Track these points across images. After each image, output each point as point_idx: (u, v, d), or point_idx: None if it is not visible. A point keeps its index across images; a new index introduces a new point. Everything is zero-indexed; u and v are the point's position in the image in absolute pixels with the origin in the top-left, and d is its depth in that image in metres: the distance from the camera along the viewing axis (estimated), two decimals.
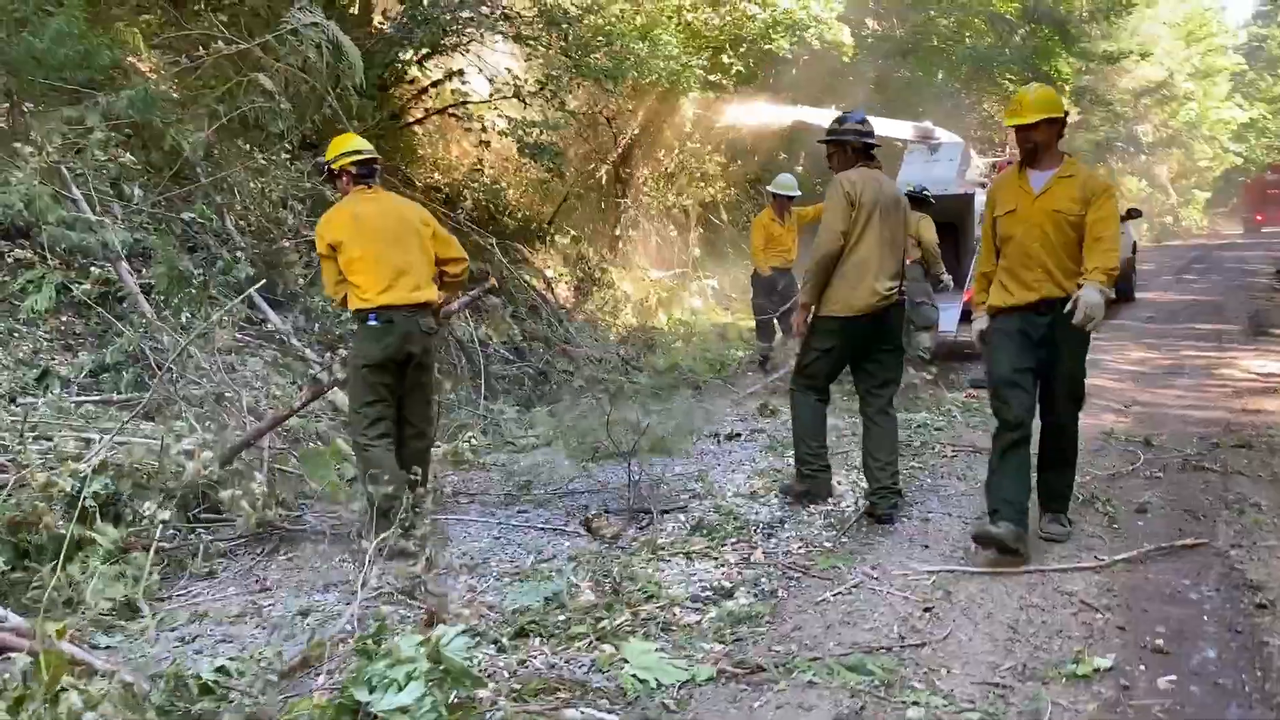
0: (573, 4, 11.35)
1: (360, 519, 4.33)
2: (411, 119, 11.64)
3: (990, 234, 4.60)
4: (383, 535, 3.74)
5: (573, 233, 13.12)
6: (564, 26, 10.89)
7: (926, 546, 4.53)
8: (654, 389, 9.08)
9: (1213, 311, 14.97)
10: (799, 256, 9.76)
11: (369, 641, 2.77)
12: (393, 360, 4.68)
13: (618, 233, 14.30)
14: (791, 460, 5.91)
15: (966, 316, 9.93)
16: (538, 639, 3.50)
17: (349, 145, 4.98)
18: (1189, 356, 10.65)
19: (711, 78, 12.53)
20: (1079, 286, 4.15)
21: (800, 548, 4.60)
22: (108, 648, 3.44)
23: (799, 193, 9.79)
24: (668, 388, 9.43)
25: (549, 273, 13.41)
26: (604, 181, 13.74)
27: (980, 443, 6.61)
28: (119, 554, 4.02)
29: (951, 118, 21.62)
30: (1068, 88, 26.03)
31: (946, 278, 8.76)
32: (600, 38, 10.90)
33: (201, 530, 4.69)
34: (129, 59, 7.21)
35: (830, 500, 5.28)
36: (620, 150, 13.56)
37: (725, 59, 12.47)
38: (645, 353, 11.37)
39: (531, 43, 10.70)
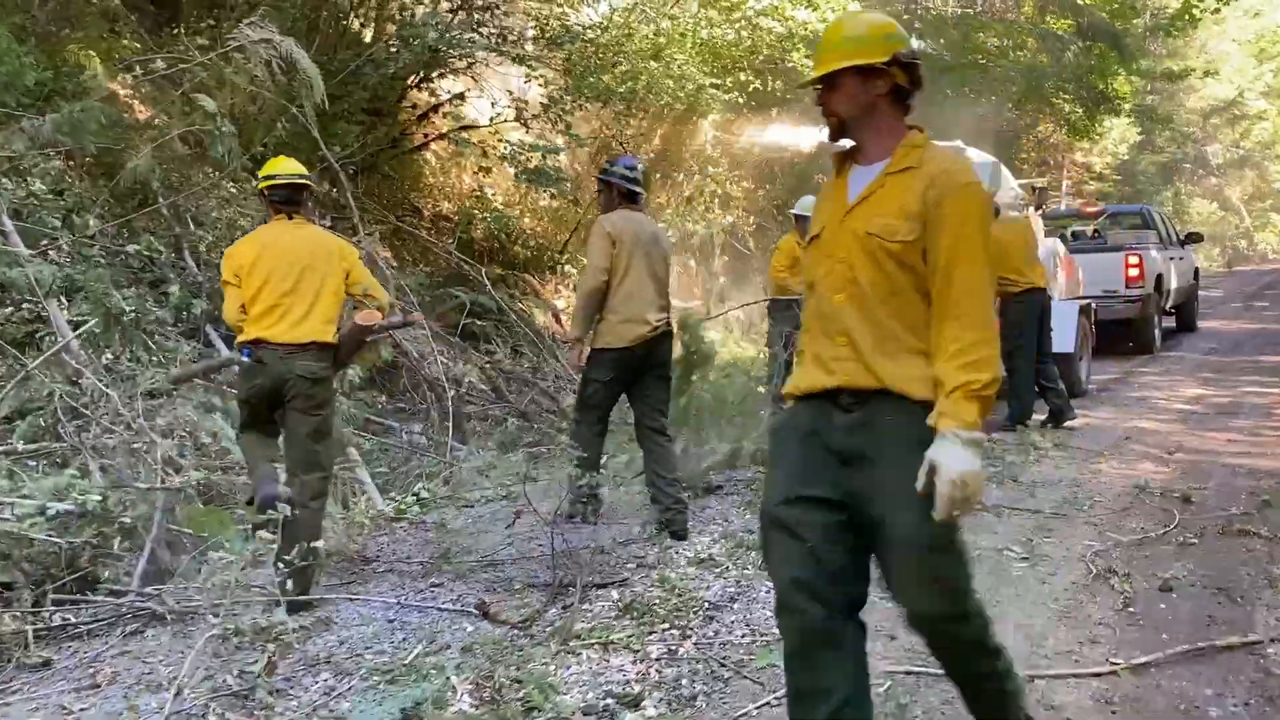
0: (578, 23, 10.80)
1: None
2: (413, 145, 11.14)
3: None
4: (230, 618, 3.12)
5: (582, 260, 12.51)
6: (567, 47, 10.34)
7: (893, 638, 3.77)
8: None
9: None
10: None
11: None
12: (263, 399, 4.46)
13: None
14: None
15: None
16: None
17: (273, 169, 4.66)
18: (1248, 394, 9.67)
19: (727, 96, 11.86)
20: (933, 431, 2.20)
21: (744, 635, 3.87)
22: None
23: None
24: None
25: (559, 303, 12.83)
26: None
27: (995, 499, 5.81)
28: None
29: (1000, 140, 20.73)
30: (1127, 107, 24.89)
31: None
32: (605, 57, 10.31)
33: (72, 606, 4.12)
34: (89, 80, 6.78)
35: None
36: None
37: (743, 77, 11.80)
38: None
39: (533, 64, 10.16)
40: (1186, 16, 21.96)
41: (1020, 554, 4.76)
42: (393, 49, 8.97)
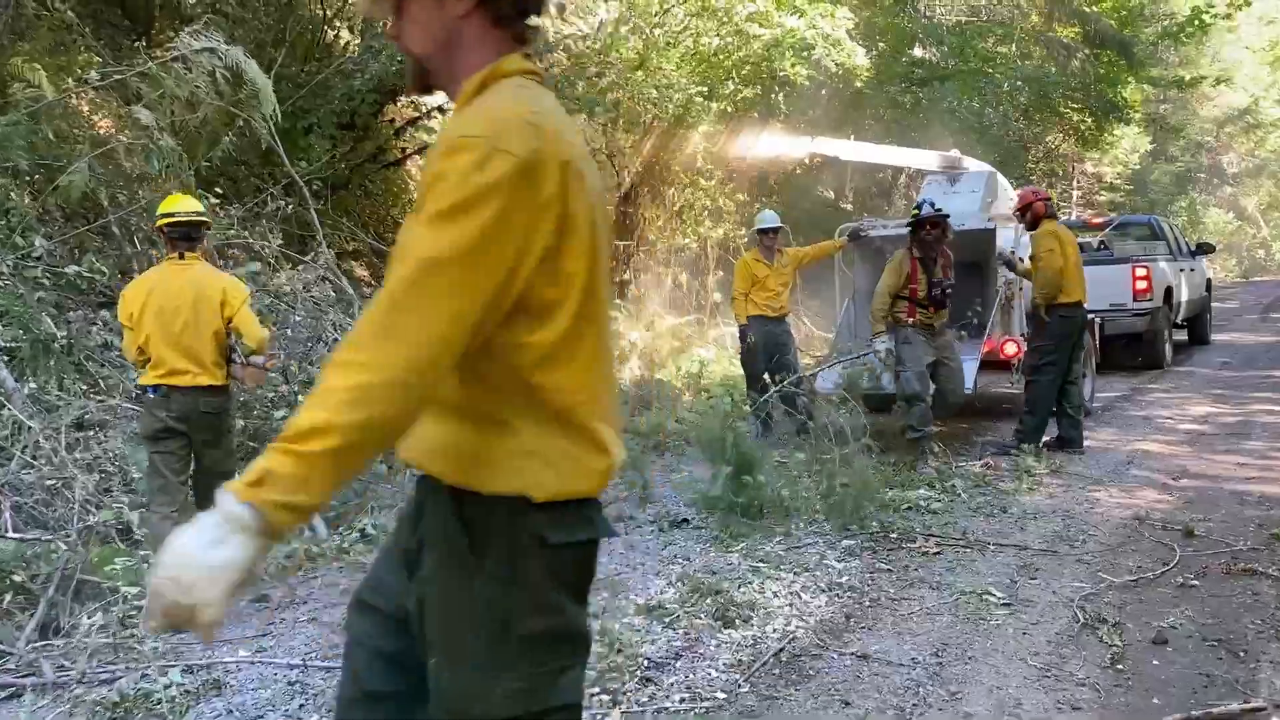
0: (558, 32, 10.46)
1: None
2: (392, 159, 10.82)
3: None
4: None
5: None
6: (546, 56, 9.99)
7: (847, 704, 3.36)
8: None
9: None
10: (793, 301, 8.63)
11: None
12: (166, 436, 4.60)
13: (626, 277, 13.27)
14: (734, 556, 4.89)
15: (999, 366, 8.69)
16: None
17: (171, 206, 4.71)
18: (1260, 413, 9.19)
19: (716, 106, 11.48)
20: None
21: (682, 699, 3.46)
22: None
23: (779, 224, 8.65)
24: (638, 456, 8.32)
25: None
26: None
27: (980, 533, 5.39)
28: None
29: (1007, 149, 20.30)
30: (1136, 116, 24.43)
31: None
32: (586, 67, 9.96)
33: None
34: (20, 93, 6.46)
35: (753, 622, 4.13)
36: (623, 189, 12.57)
37: (732, 86, 11.43)
38: (638, 410, 10.28)
39: None
40: (1196, 23, 21.51)
41: (1001, 598, 4.33)
42: (359, 61, 8.63)
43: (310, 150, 8.87)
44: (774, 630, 4.05)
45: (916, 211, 7.37)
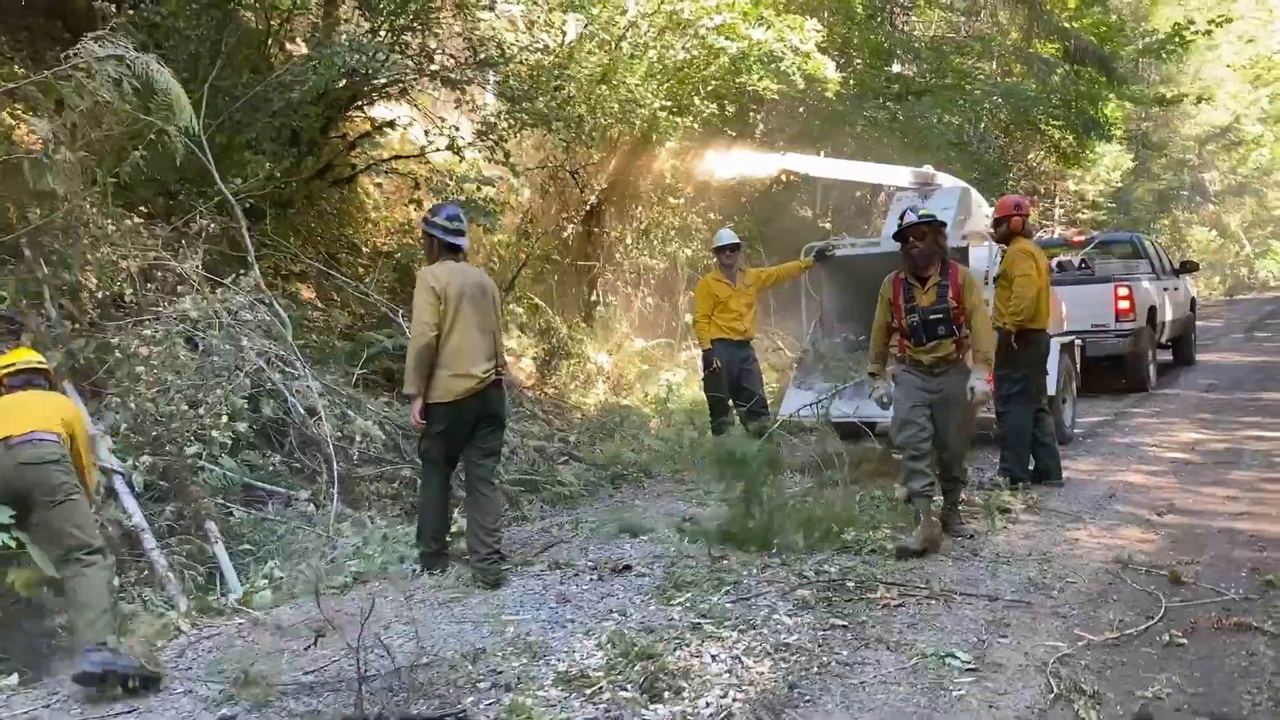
0: (514, 43, 10.03)
1: None
2: (341, 176, 10.33)
3: None
4: None
5: (532, 299, 11.65)
6: (502, 69, 9.56)
7: None
8: (565, 494, 7.51)
9: None
10: (764, 323, 8.17)
11: None
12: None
13: (593, 298, 12.80)
14: (675, 610, 4.41)
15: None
16: None
17: (11, 360, 4.79)
18: (1249, 439, 8.77)
19: (683, 122, 11.06)
20: None
21: None
22: None
23: (737, 241, 8.20)
24: (591, 488, 7.85)
25: (511, 343, 11.97)
26: (571, 242, 12.28)
27: (948, 580, 4.92)
28: None
29: (986, 166, 19.96)
30: (1118, 133, 24.16)
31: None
32: (543, 80, 9.51)
33: None
34: None
35: (684, 694, 3.63)
36: (589, 207, 12.12)
37: (699, 101, 11.00)
38: (600, 438, 9.80)
39: (462, 87, 9.37)
40: (1177, 39, 21.27)
41: (966, 662, 3.85)
42: (299, 73, 8.15)
43: (248, 166, 8.37)
44: (707, 705, 3.55)
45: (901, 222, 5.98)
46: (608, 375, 12.27)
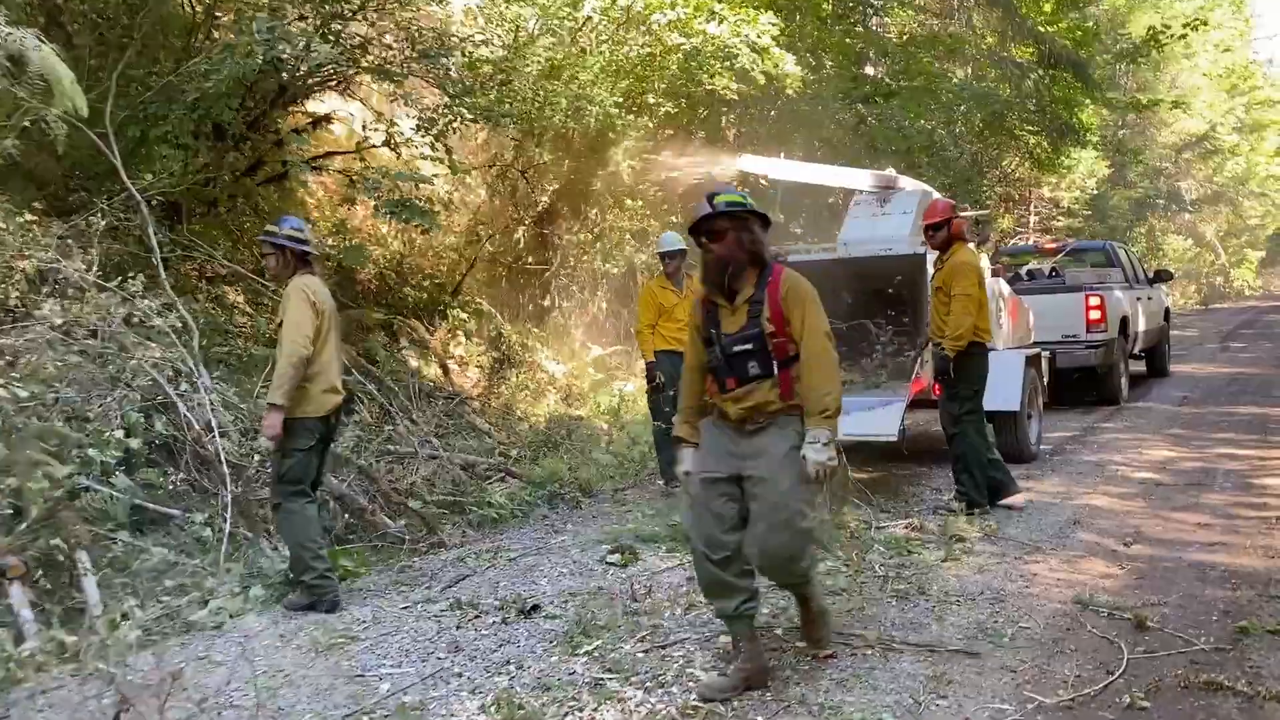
0: (458, 35, 9.49)
1: None
2: (271, 174, 9.76)
3: None
4: None
5: (479, 305, 11.10)
6: (442, 61, 9.02)
7: None
8: (494, 516, 6.97)
9: (1259, 389, 12.59)
10: None
11: None
12: None
13: (547, 303, 12.26)
14: (579, 662, 3.88)
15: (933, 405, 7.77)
16: None
17: None
18: (1223, 456, 8.33)
19: (637, 119, 10.55)
20: None
21: None
22: None
23: (683, 246, 7.69)
24: (525, 509, 7.33)
25: (460, 351, 11.44)
26: (522, 245, 11.74)
27: (889, 624, 4.42)
28: None
29: (959, 172, 19.55)
30: (1093, 139, 23.85)
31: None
32: (484, 71, 8.98)
33: None
34: None
35: None
36: (540, 208, 11.58)
37: (652, 99, 10.50)
38: (545, 452, 9.27)
39: (398, 79, 8.82)
40: (1152, 43, 20.98)
41: None
42: (215, 61, 7.59)
43: (157, 161, 7.81)
44: None
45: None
46: (560, 385, 11.74)
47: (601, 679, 3.84)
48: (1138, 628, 4.30)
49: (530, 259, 11.81)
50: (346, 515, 6.32)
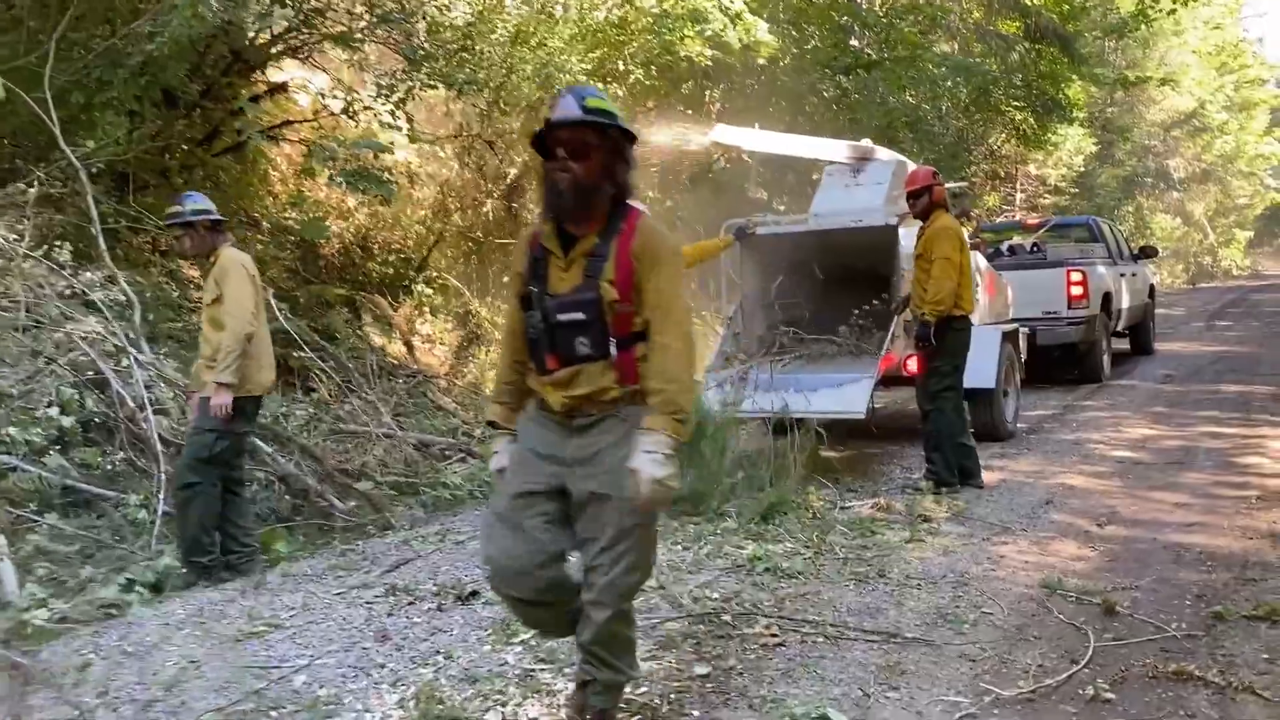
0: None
1: None
2: (226, 145, 9.44)
3: None
4: None
5: (446, 281, 10.80)
6: (403, 24, 8.70)
7: None
8: (448, 498, 6.72)
9: (1245, 367, 12.38)
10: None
11: None
12: None
13: None
14: (513, 652, 3.64)
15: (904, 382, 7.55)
16: None
17: None
18: (1205, 434, 8.12)
19: (608, 87, 10.23)
20: None
21: None
22: None
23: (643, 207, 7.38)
24: (484, 489, 7.07)
25: (427, 328, 11.15)
26: (491, 218, 11.42)
27: (844, 609, 4.18)
28: None
29: (944, 147, 19.29)
30: (1081, 115, 23.57)
31: None
32: (445, 36, 8.66)
33: None
34: None
35: None
36: (509, 181, 11.26)
37: (622, 66, 10.18)
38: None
39: (356, 44, 8.50)
40: (1140, 18, 20.68)
41: None
42: (159, 23, 7.26)
43: (106, 129, 7.49)
44: None
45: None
46: None
47: (533, 670, 3.59)
48: (1106, 613, 4.07)
49: (500, 234, 11.50)
50: (288, 496, 6.04)
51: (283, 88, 9.46)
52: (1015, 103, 20.60)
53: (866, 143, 8.92)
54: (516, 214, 11.54)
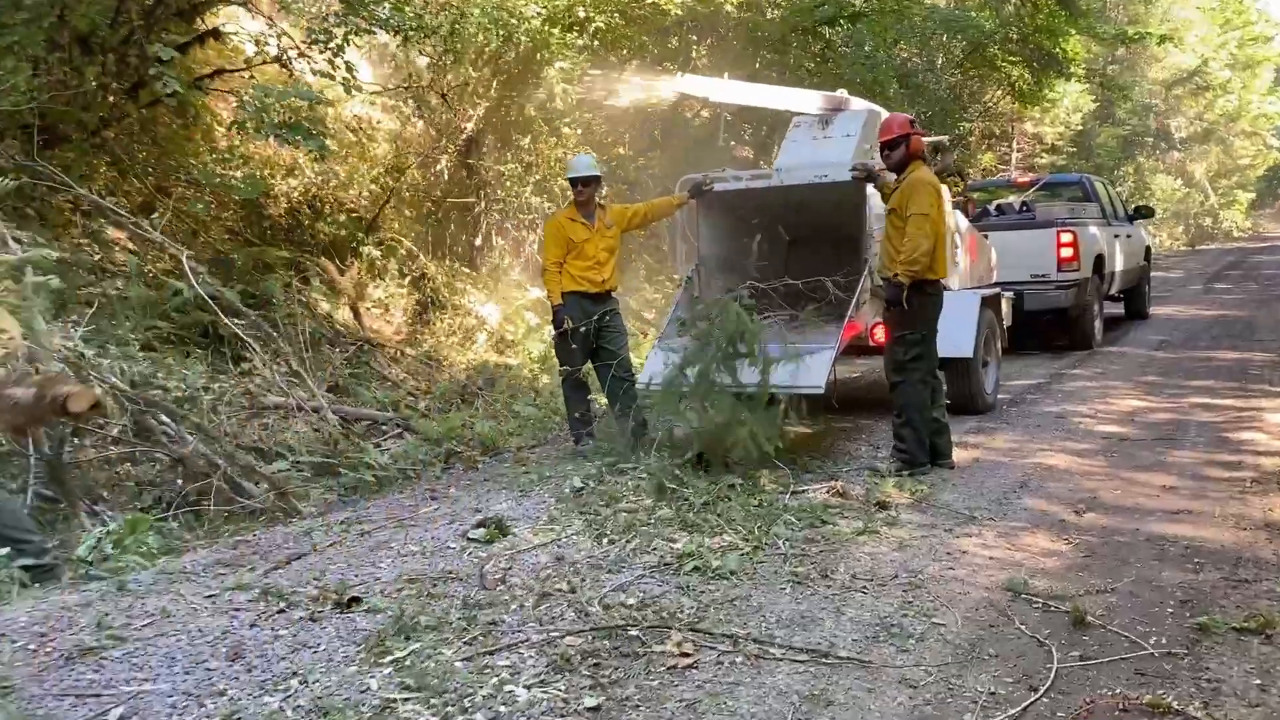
0: None
1: None
2: (154, 96, 8.77)
3: None
4: None
5: (397, 242, 10.18)
6: None
7: None
8: (372, 479, 6.17)
9: (1241, 332, 11.81)
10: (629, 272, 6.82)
11: None
12: None
13: (479, 242, 11.34)
14: (380, 674, 3.10)
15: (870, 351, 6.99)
16: None
17: None
18: (1198, 406, 7.58)
19: (572, 38, 9.58)
20: None
21: None
22: None
23: (597, 172, 6.75)
24: (417, 469, 6.53)
25: (379, 293, 10.55)
26: (447, 176, 10.78)
27: (774, 620, 3.63)
28: None
29: (938, 101, 18.58)
30: (1079, 71, 22.79)
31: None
32: None
33: None
34: None
35: None
36: (464, 135, 10.61)
37: (583, 12, 9.51)
38: (459, 404, 8.48)
39: None
40: None
41: None
42: None
43: (5, 76, 6.87)
44: None
45: None
46: (494, 331, 10.89)
47: (394, 700, 3.05)
48: (1076, 624, 3.53)
49: (456, 193, 10.87)
50: (180, 481, 5.48)
51: (215, 34, 8.79)
52: (1011, 58, 19.87)
53: (842, 93, 8.26)
54: (474, 171, 10.89)
